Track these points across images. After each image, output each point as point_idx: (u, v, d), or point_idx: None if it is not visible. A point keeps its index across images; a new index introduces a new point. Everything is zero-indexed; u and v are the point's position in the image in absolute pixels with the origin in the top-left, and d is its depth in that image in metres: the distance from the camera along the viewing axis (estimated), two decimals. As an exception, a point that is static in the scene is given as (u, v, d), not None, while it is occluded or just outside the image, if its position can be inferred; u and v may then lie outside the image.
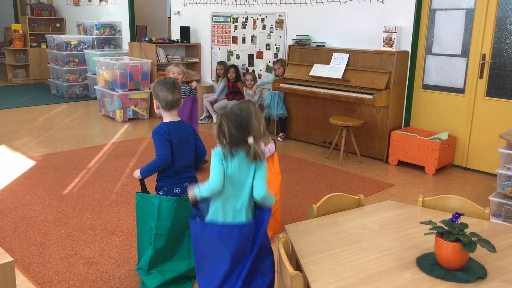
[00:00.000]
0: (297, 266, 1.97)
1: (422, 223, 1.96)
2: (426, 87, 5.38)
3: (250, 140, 2.15)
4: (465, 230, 1.81)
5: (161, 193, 2.75)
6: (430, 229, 1.88)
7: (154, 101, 2.81)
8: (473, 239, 1.76)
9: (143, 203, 2.74)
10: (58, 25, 11.20)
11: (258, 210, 2.30)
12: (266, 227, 2.28)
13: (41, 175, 4.71)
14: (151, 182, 2.87)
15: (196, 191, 2.26)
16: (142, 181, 2.82)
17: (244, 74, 6.82)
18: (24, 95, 9.26)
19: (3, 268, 1.78)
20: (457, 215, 1.84)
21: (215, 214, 2.25)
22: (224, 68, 7.24)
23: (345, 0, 5.82)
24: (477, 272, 1.78)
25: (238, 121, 2.15)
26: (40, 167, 4.97)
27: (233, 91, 6.97)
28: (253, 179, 2.22)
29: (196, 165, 2.89)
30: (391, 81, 5.21)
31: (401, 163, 5.26)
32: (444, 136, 5.10)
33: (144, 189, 2.82)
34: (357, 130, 5.45)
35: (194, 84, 5.02)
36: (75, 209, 3.90)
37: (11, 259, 1.82)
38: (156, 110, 2.82)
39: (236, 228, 2.20)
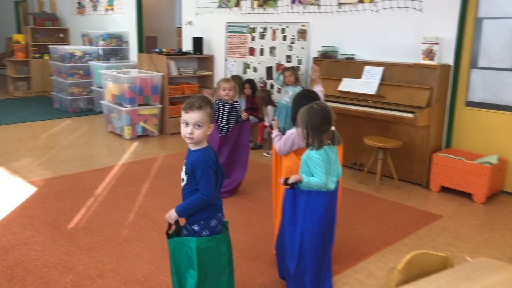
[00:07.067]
0: None
1: None
2: (470, 104, 4.84)
3: (333, 127, 2.60)
4: None
5: (195, 228, 2.30)
6: None
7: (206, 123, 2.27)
8: None
9: (178, 250, 2.30)
10: (61, 35, 10.73)
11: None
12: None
13: (43, 204, 4.17)
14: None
15: (305, 179, 2.53)
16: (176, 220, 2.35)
17: (284, 70, 5.74)
18: (26, 109, 8.75)
19: None
20: None
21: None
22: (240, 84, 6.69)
23: (377, 9, 5.31)
24: None
25: (324, 115, 2.53)
26: (41, 194, 4.43)
27: (251, 107, 6.44)
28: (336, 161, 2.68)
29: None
30: (432, 97, 4.68)
31: (443, 189, 4.71)
32: (493, 159, 4.55)
33: (179, 230, 2.34)
34: (393, 151, 4.91)
35: (244, 115, 4.48)
36: (82, 249, 3.36)
37: None
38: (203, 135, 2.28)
39: (334, 193, 2.66)
